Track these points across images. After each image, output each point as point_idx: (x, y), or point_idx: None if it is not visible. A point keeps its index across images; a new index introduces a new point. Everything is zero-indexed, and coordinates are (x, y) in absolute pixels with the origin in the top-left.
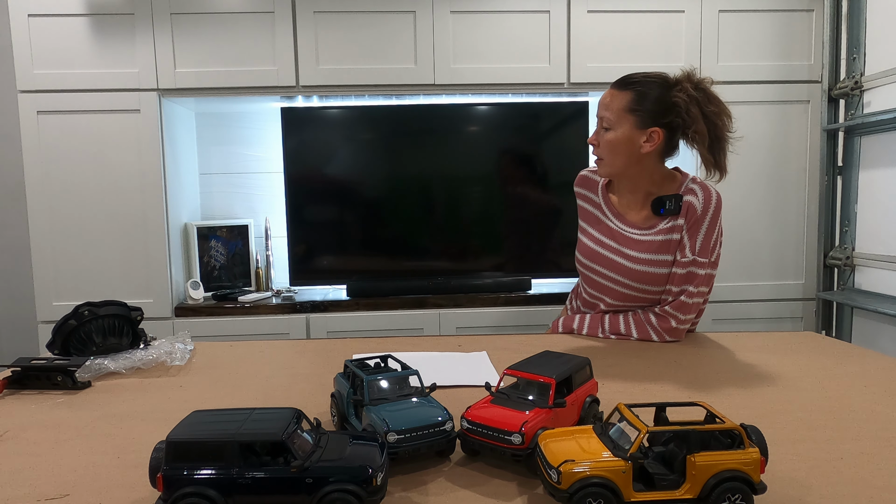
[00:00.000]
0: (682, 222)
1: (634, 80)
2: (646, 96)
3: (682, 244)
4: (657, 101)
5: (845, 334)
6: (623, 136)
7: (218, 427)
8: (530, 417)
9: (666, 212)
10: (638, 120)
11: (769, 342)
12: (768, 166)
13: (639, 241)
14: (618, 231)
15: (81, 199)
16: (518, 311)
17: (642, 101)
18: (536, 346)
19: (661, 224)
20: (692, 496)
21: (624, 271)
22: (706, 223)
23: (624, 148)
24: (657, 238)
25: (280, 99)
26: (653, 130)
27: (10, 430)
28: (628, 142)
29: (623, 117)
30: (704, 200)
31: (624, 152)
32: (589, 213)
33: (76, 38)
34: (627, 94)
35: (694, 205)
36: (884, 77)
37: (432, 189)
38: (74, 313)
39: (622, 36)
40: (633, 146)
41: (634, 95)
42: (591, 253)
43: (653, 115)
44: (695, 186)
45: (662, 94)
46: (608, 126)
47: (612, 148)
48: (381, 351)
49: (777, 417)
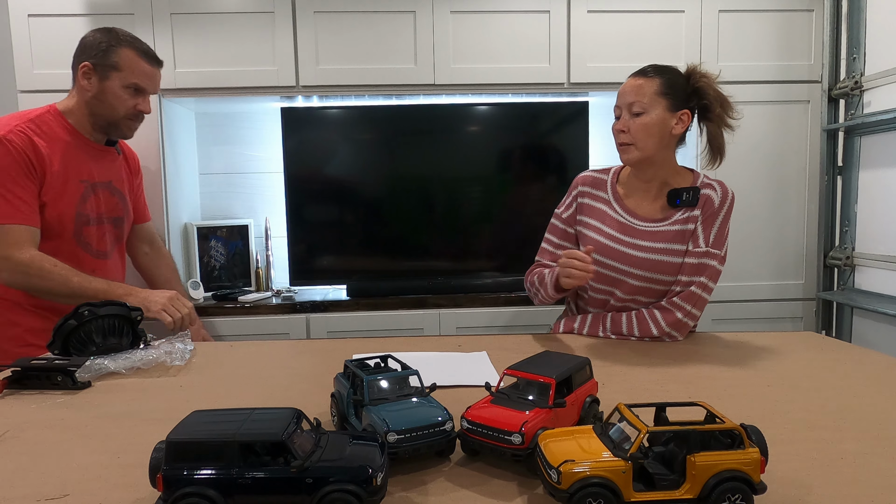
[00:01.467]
0: (697, 213)
1: (660, 68)
2: (675, 82)
3: (696, 235)
4: (684, 87)
5: (845, 334)
6: (658, 118)
7: (218, 427)
8: (530, 417)
9: (682, 203)
10: (670, 103)
11: (769, 342)
12: (768, 166)
13: (653, 233)
14: (629, 225)
15: None
16: (518, 311)
17: (672, 85)
18: (536, 346)
19: (676, 215)
20: (692, 496)
21: (637, 262)
22: (721, 217)
23: (657, 130)
24: (672, 228)
25: (280, 99)
26: (683, 113)
27: (10, 430)
28: (662, 123)
29: (656, 101)
30: (722, 195)
31: (657, 134)
32: (595, 209)
33: (76, 38)
34: (657, 79)
35: (712, 198)
36: (884, 77)
37: (432, 189)
38: (74, 313)
39: (622, 36)
40: (665, 128)
41: (665, 80)
42: (602, 247)
43: (682, 98)
44: (713, 182)
45: (685, 81)
46: (641, 110)
47: (647, 130)
48: (381, 351)
49: (777, 417)
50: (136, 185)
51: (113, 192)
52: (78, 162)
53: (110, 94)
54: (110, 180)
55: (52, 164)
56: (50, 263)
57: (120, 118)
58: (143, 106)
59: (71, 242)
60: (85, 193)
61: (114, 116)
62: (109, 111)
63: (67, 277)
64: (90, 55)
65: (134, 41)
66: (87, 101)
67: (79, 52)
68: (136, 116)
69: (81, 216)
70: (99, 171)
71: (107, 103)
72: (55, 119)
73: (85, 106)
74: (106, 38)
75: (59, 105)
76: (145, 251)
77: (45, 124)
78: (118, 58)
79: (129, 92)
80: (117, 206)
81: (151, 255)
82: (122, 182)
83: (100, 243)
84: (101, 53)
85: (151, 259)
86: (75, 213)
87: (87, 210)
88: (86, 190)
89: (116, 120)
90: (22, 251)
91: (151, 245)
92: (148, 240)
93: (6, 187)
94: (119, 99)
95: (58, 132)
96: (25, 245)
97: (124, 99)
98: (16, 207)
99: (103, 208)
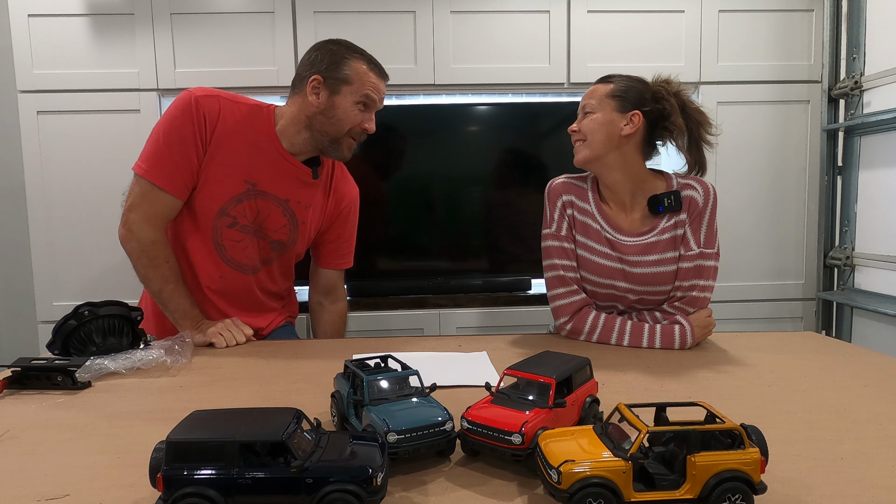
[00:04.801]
0: (684, 217)
1: (621, 75)
2: (628, 86)
3: (686, 238)
4: (638, 91)
5: (845, 334)
6: (604, 117)
7: (218, 427)
8: (530, 417)
9: (665, 209)
10: (618, 104)
11: (769, 342)
12: (768, 166)
13: (643, 246)
14: (618, 242)
15: (81, 199)
16: (518, 311)
17: (624, 89)
18: (536, 346)
19: (662, 223)
20: (692, 496)
21: (634, 278)
22: (707, 215)
23: (604, 128)
24: (663, 237)
25: (280, 99)
26: (633, 114)
27: (10, 430)
28: (609, 123)
29: (605, 102)
30: (704, 193)
31: (604, 132)
32: (582, 224)
33: (76, 38)
34: (610, 84)
35: (695, 198)
36: (884, 77)
37: (432, 189)
38: (74, 313)
39: (622, 36)
40: (614, 127)
41: (617, 84)
42: (599, 268)
43: (633, 101)
44: (690, 181)
45: (643, 87)
46: (590, 110)
47: (593, 128)
48: (381, 351)
49: (777, 417)
50: (338, 225)
51: (285, 212)
52: (254, 162)
53: (340, 110)
54: (288, 199)
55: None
56: (164, 257)
57: (343, 135)
58: (369, 124)
59: (207, 234)
60: (242, 195)
61: (338, 133)
62: (335, 127)
63: (167, 279)
64: (319, 68)
65: (363, 52)
66: (310, 116)
67: (307, 64)
68: (359, 135)
69: (226, 215)
70: (276, 183)
71: (334, 119)
72: (262, 115)
73: (305, 120)
74: (336, 48)
75: (277, 108)
76: (318, 300)
77: (248, 116)
78: (350, 70)
79: (358, 108)
80: (284, 227)
81: (324, 305)
82: (303, 208)
83: (236, 252)
84: (332, 66)
85: (319, 309)
86: (220, 208)
87: (236, 212)
88: (247, 192)
89: (340, 137)
90: (155, 229)
91: (326, 296)
92: (324, 290)
93: (172, 149)
94: (347, 115)
95: (253, 126)
96: (160, 222)
97: (353, 115)
98: (170, 174)
99: (261, 220)
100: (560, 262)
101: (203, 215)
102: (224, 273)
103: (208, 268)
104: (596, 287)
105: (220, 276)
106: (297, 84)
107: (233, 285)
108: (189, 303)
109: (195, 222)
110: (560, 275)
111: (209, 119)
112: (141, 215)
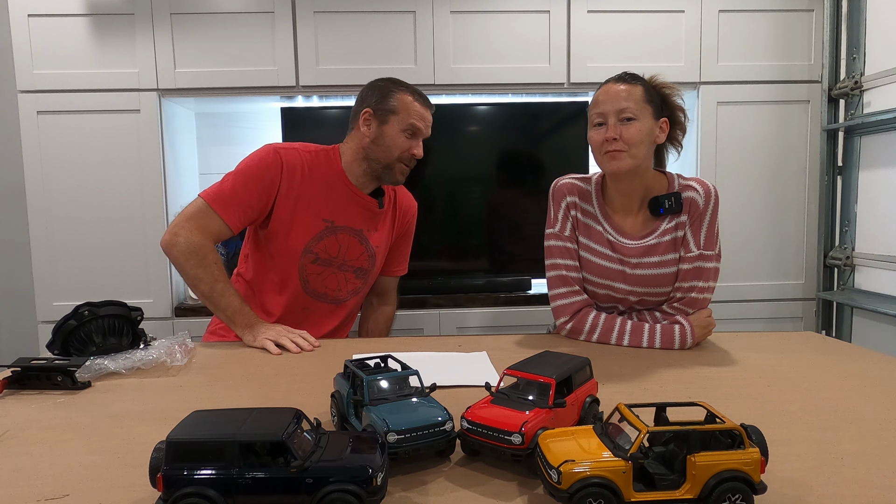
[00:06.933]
0: (685, 219)
1: (635, 75)
2: (651, 89)
3: (686, 240)
4: (659, 95)
5: (845, 334)
6: (647, 125)
7: (218, 427)
8: (530, 417)
9: (666, 211)
10: (654, 110)
11: (769, 342)
12: (768, 166)
13: (645, 248)
14: (620, 245)
15: (81, 199)
16: (518, 311)
17: (651, 93)
18: (536, 346)
19: (663, 225)
20: (692, 496)
21: (635, 280)
22: (708, 216)
23: (648, 138)
24: (664, 239)
25: (280, 99)
26: (663, 121)
27: (10, 430)
28: (650, 132)
29: (644, 108)
30: (705, 194)
31: (647, 142)
32: (585, 226)
33: (76, 38)
34: (639, 86)
35: (696, 200)
36: (884, 77)
37: (432, 189)
38: (74, 313)
39: (622, 36)
40: (653, 136)
41: (645, 87)
42: (599, 269)
43: (659, 106)
44: (691, 182)
45: (654, 90)
46: (633, 116)
47: (640, 138)
48: (381, 351)
49: (777, 417)
50: (403, 237)
51: (361, 241)
52: (329, 201)
53: (388, 138)
54: (361, 229)
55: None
56: (213, 259)
57: (394, 160)
58: (417, 150)
59: (293, 274)
60: (322, 233)
61: (389, 159)
62: (386, 154)
63: (217, 278)
64: (370, 102)
65: (410, 86)
66: (365, 147)
67: (360, 100)
68: (409, 160)
69: (309, 252)
70: (350, 216)
71: (384, 146)
72: (330, 156)
73: (361, 150)
74: (384, 84)
75: (341, 145)
76: (370, 300)
77: (317, 160)
78: (396, 101)
79: (405, 135)
80: (363, 255)
81: (374, 305)
82: (374, 233)
83: (318, 283)
84: (381, 99)
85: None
86: (303, 249)
87: (318, 249)
88: (325, 230)
89: (391, 162)
90: (204, 237)
91: (379, 298)
92: (378, 293)
93: (239, 184)
94: (395, 142)
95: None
96: (209, 235)
97: (400, 142)
98: (229, 204)
99: (344, 253)
100: (562, 262)
101: (289, 257)
102: (308, 304)
103: (296, 306)
104: (596, 288)
105: (304, 308)
106: (352, 121)
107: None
108: (239, 300)
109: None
110: (562, 275)
111: (287, 167)
112: (192, 224)
